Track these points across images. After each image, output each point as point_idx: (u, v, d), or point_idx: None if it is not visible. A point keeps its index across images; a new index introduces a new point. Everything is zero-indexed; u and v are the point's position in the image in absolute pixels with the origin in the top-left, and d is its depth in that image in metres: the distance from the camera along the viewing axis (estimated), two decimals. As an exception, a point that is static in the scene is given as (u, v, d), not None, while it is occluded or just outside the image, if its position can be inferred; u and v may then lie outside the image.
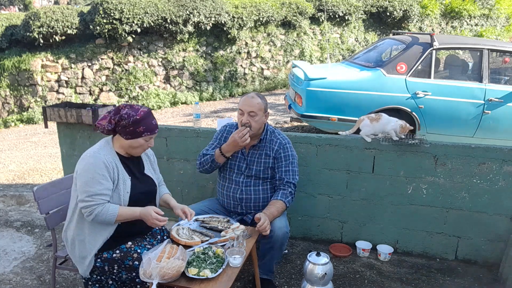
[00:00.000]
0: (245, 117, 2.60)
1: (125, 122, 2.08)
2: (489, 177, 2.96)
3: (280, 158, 2.68)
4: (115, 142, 2.18)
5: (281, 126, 7.34)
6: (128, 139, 2.12)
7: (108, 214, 2.01)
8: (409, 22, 12.13)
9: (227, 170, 2.78)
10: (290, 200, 2.62)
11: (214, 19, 9.39)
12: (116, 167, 2.10)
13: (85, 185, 2.01)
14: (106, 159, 2.07)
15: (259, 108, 2.60)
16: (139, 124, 2.09)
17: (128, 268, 2.06)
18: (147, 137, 2.14)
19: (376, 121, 3.06)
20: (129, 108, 2.12)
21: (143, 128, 2.10)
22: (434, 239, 3.17)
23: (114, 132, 2.16)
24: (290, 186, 2.63)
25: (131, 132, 2.10)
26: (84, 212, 2.02)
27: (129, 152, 2.20)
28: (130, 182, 2.15)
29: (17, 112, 8.49)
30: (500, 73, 5.53)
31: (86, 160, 2.06)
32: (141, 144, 2.14)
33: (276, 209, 2.52)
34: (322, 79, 5.17)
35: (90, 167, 2.03)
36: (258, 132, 2.68)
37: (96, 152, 2.08)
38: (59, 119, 3.63)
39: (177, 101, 9.33)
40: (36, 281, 2.90)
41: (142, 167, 2.30)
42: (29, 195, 4.40)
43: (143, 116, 2.10)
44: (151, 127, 2.14)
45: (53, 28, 8.18)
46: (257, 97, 2.64)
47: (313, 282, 2.47)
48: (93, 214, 2.00)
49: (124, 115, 2.08)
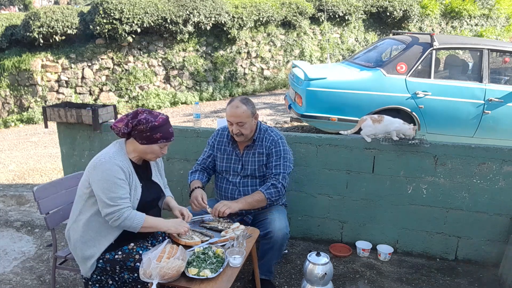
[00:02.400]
0: (234, 128, 2.60)
1: (142, 127, 2.07)
2: (489, 177, 2.96)
3: (272, 154, 2.67)
4: (128, 146, 2.16)
5: (281, 126, 7.34)
6: (143, 144, 2.10)
7: (135, 221, 2.02)
8: (409, 22, 12.13)
9: (223, 172, 2.78)
10: (273, 192, 2.57)
11: (214, 19, 9.39)
12: (131, 172, 2.10)
13: (108, 191, 1.99)
14: (121, 164, 2.05)
15: (247, 116, 2.57)
16: (156, 130, 2.08)
17: (130, 269, 2.06)
18: (162, 144, 2.13)
19: (378, 122, 3.05)
20: (147, 113, 2.11)
21: (160, 135, 2.10)
22: (434, 239, 3.17)
23: (129, 135, 2.14)
24: (277, 178, 2.60)
25: (147, 138, 2.08)
26: (110, 219, 2.00)
27: (142, 157, 2.19)
28: (140, 189, 2.14)
29: (17, 112, 8.49)
30: (500, 73, 5.53)
31: (103, 166, 2.02)
32: (155, 150, 2.13)
33: (252, 198, 2.54)
34: (322, 79, 5.17)
35: (109, 173, 2.00)
36: (251, 135, 2.69)
37: (112, 158, 2.05)
38: (59, 119, 3.63)
39: (177, 101, 9.33)
40: (36, 281, 2.90)
41: (150, 174, 2.30)
42: (29, 195, 4.40)
43: (161, 123, 2.09)
44: (168, 134, 2.13)
45: (53, 28, 8.18)
46: (242, 105, 2.57)
47: (313, 282, 2.47)
48: (122, 218, 1.98)
49: (142, 120, 2.07)
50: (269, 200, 2.58)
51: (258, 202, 2.56)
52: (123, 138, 2.19)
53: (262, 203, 2.58)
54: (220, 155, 2.79)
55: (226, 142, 2.78)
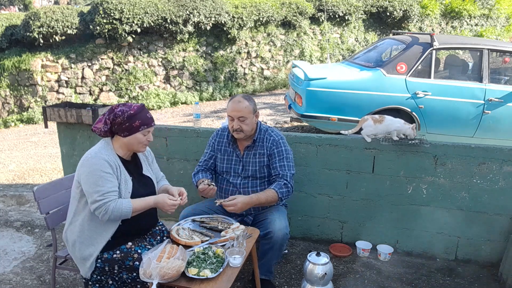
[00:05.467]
0: (235, 123, 2.59)
1: (120, 119, 2.09)
2: (489, 177, 2.96)
3: (274, 154, 2.67)
4: (114, 143, 2.18)
5: (281, 126, 7.34)
6: (126, 136, 2.12)
7: (124, 208, 2.02)
8: (409, 22, 12.13)
9: (224, 173, 2.78)
10: (285, 192, 2.57)
11: (214, 19, 9.39)
12: (118, 166, 2.11)
13: (94, 185, 2.00)
14: (108, 158, 2.07)
15: (248, 111, 2.58)
16: (134, 118, 2.10)
17: (128, 268, 2.06)
18: (145, 131, 2.14)
19: (380, 122, 3.05)
20: (122, 105, 2.13)
21: (139, 122, 2.11)
22: (434, 239, 3.17)
23: (111, 133, 2.16)
24: (286, 178, 2.60)
25: (128, 128, 2.10)
26: (98, 213, 2.01)
27: (131, 150, 2.20)
28: (131, 182, 2.15)
29: (17, 112, 8.49)
30: (500, 73, 5.53)
31: (89, 162, 2.05)
32: (139, 139, 2.14)
33: (265, 195, 2.51)
34: (322, 79, 5.17)
35: (96, 167, 2.02)
36: (251, 133, 2.68)
37: (98, 152, 2.08)
38: (59, 119, 3.63)
39: (177, 101, 9.33)
40: (36, 281, 2.90)
41: (141, 168, 2.30)
42: (29, 195, 4.40)
43: (137, 111, 2.11)
44: (147, 120, 2.14)
45: (53, 28, 8.18)
46: (244, 100, 2.59)
47: (313, 282, 2.47)
48: (109, 211, 1.99)
49: (118, 113, 2.09)
50: (280, 200, 2.58)
51: (269, 201, 2.55)
52: (109, 137, 2.20)
53: (273, 202, 2.58)
54: (221, 155, 2.79)
55: (226, 142, 2.78)
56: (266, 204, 2.58)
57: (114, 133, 2.15)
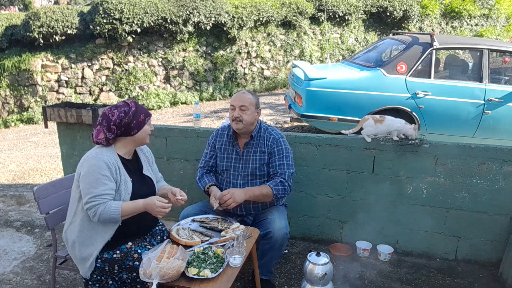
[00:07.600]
0: (236, 112, 2.61)
1: (127, 120, 2.11)
2: (489, 177, 2.96)
3: (274, 153, 2.68)
4: (116, 144, 2.18)
5: (281, 126, 7.34)
6: (136, 133, 2.15)
7: (112, 211, 2.01)
8: (409, 22, 12.13)
9: (224, 172, 2.78)
10: (281, 190, 2.57)
11: (214, 19, 9.39)
12: (118, 168, 2.11)
13: (89, 186, 2.02)
14: (108, 160, 2.07)
15: (250, 103, 2.61)
16: (137, 114, 2.15)
17: (128, 268, 2.06)
18: (148, 122, 2.21)
19: (380, 122, 3.05)
20: (114, 108, 2.13)
21: (143, 115, 2.17)
22: (434, 239, 3.17)
23: (116, 137, 2.16)
24: (284, 177, 2.60)
25: (136, 125, 2.14)
26: (89, 214, 2.03)
27: (138, 145, 2.25)
28: (131, 183, 2.15)
29: (17, 112, 8.49)
30: (500, 73, 5.53)
31: (89, 162, 2.06)
32: (147, 130, 2.21)
33: (259, 189, 2.53)
34: (322, 79, 5.17)
35: (94, 169, 2.03)
36: (250, 128, 2.68)
37: (98, 153, 2.09)
38: (59, 119, 3.63)
39: (177, 101, 9.33)
40: (36, 281, 2.90)
41: (141, 168, 2.30)
42: (29, 195, 4.40)
43: (135, 106, 2.16)
44: (146, 111, 2.22)
45: (53, 28, 8.18)
46: (248, 93, 2.67)
47: (313, 282, 2.47)
48: (97, 214, 2.00)
49: (120, 115, 2.10)
50: (275, 197, 2.57)
51: (264, 196, 2.55)
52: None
53: (267, 198, 2.57)
54: (221, 154, 2.79)
55: (226, 141, 2.78)
56: (262, 198, 2.57)
57: (121, 136, 2.15)
